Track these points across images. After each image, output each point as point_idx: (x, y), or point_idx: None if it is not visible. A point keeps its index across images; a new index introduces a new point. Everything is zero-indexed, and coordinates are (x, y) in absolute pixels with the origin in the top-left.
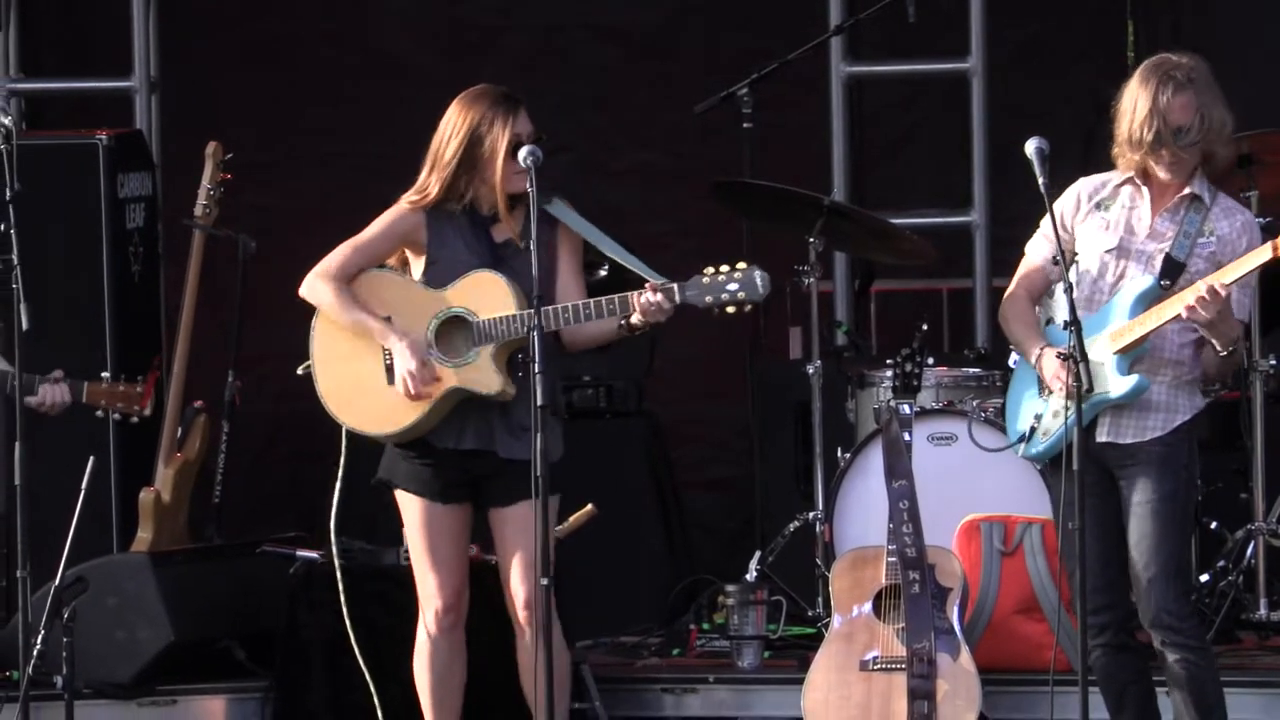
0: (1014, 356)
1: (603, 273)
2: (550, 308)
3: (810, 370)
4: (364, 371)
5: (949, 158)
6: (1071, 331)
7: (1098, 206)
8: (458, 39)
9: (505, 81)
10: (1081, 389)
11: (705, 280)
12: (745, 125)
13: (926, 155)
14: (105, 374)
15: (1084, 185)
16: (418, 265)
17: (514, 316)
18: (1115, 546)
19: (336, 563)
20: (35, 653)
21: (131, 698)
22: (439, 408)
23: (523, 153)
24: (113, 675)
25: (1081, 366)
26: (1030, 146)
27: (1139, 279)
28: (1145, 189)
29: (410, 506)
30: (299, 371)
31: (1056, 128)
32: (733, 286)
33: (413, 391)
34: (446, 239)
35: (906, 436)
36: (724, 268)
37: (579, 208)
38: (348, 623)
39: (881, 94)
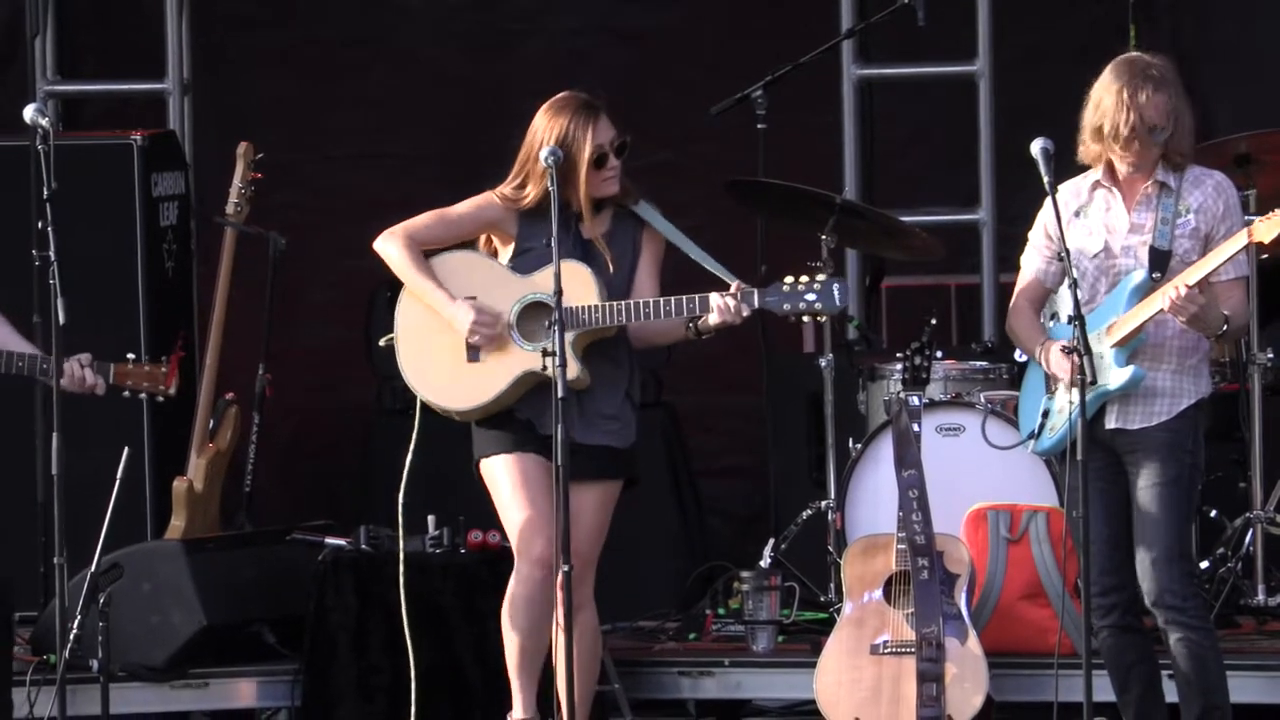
0: (1018, 353)
1: None
2: (628, 301)
3: (823, 363)
4: (446, 346)
5: (957, 157)
6: (1076, 325)
7: (1077, 214)
8: (483, 42)
9: (528, 82)
10: (1085, 381)
11: (785, 288)
12: (760, 126)
13: (935, 155)
14: (131, 355)
15: (1062, 193)
16: (505, 252)
17: (595, 306)
18: (1123, 530)
19: (401, 543)
20: (72, 637)
21: (165, 680)
22: (515, 388)
23: (544, 153)
24: (147, 658)
25: (1085, 359)
26: (1036, 147)
27: (1132, 274)
28: (1115, 190)
29: (497, 467)
30: (380, 344)
31: (1061, 128)
32: (810, 296)
33: (480, 336)
34: (539, 231)
35: (916, 427)
36: (804, 278)
37: None
38: (402, 600)
39: (891, 96)
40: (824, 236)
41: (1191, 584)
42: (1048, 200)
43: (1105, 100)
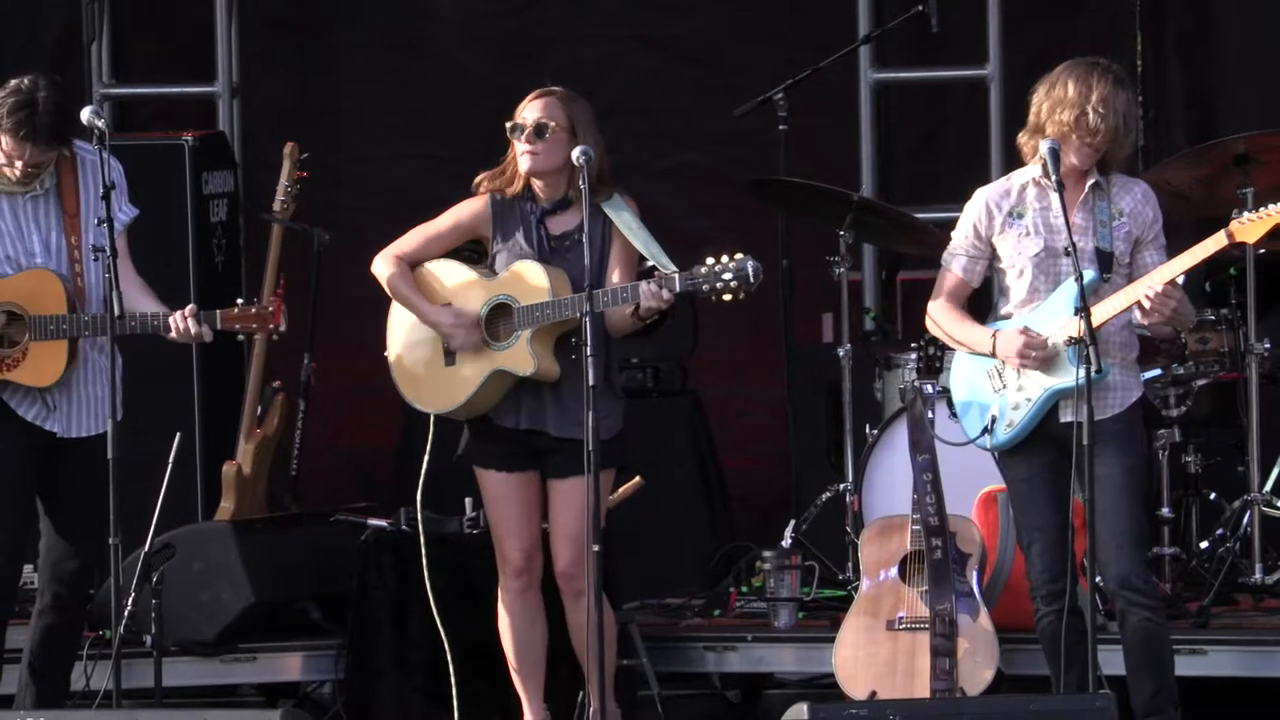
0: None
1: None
2: (570, 296)
3: (841, 353)
4: (427, 354)
5: (968, 157)
6: (1082, 317)
7: (1010, 215)
8: (515, 48)
9: (557, 85)
10: (1091, 371)
11: (703, 270)
12: (781, 127)
13: (948, 154)
14: (240, 299)
15: (990, 195)
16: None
17: (547, 303)
18: (1069, 521)
19: (420, 528)
20: (126, 614)
21: (215, 655)
22: (487, 388)
23: (575, 152)
24: (198, 634)
25: (1091, 350)
26: (1044, 147)
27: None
28: (1052, 190)
29: (482, 479)
30: (385, 355)
31: None
32: (727, 275)
33: (457, 339)
34: (509, 230)
35: (929, 414)
36: (723, 257)
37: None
38: (427, 581)
39: (906, 98)
40: (842, 233)
41: (1149, 568)
42: (973, 201)
43: (1059, 94)
